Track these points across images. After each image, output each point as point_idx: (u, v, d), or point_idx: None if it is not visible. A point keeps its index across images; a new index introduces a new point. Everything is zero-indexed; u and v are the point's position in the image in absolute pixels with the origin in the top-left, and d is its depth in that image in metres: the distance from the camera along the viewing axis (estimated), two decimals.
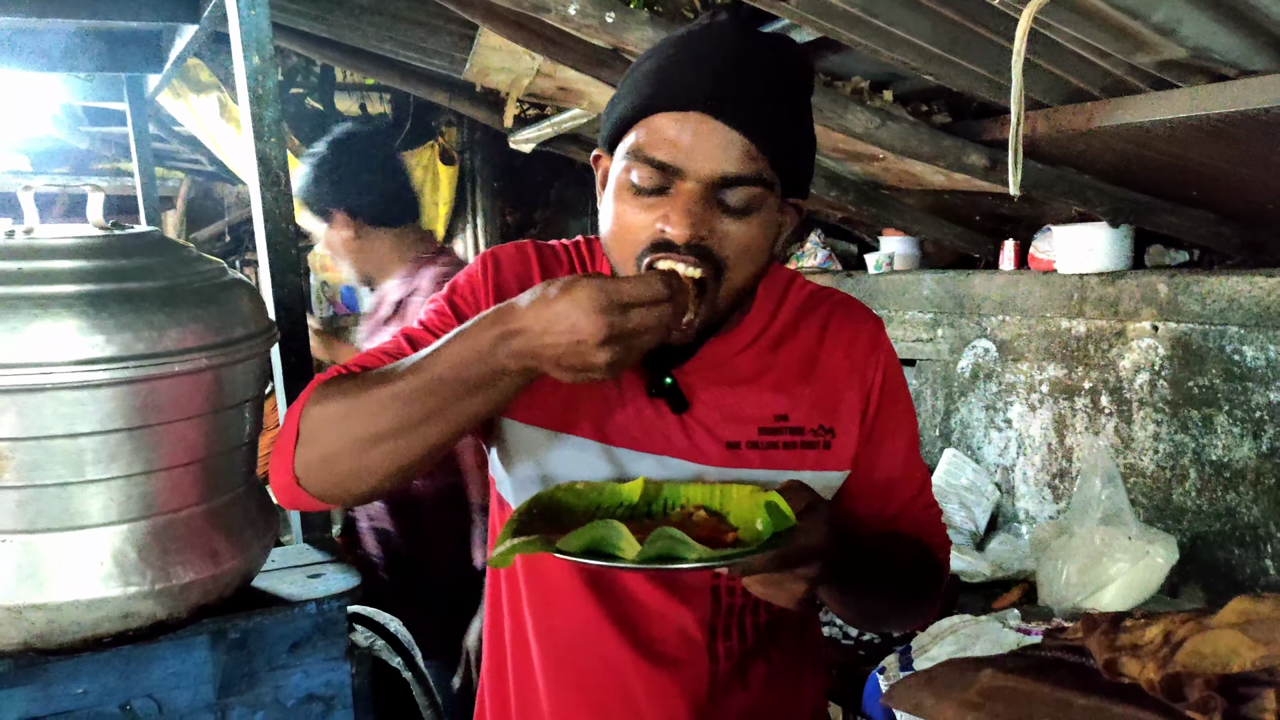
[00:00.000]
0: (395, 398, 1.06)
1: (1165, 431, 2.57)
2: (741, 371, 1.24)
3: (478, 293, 1.25)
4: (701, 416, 1.22)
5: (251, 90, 1.63)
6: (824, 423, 1.24)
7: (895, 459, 1.29)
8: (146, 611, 1.33)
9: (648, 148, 1.08)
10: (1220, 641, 0.74)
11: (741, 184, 1.08)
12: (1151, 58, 1.67)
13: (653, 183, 1.09)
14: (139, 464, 1.29)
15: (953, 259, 3.61)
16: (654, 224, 1.09)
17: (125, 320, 1.24)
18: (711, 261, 1.09)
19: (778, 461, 1.22)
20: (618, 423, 1.22)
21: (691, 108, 1.06)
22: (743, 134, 1.06)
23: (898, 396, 1.29)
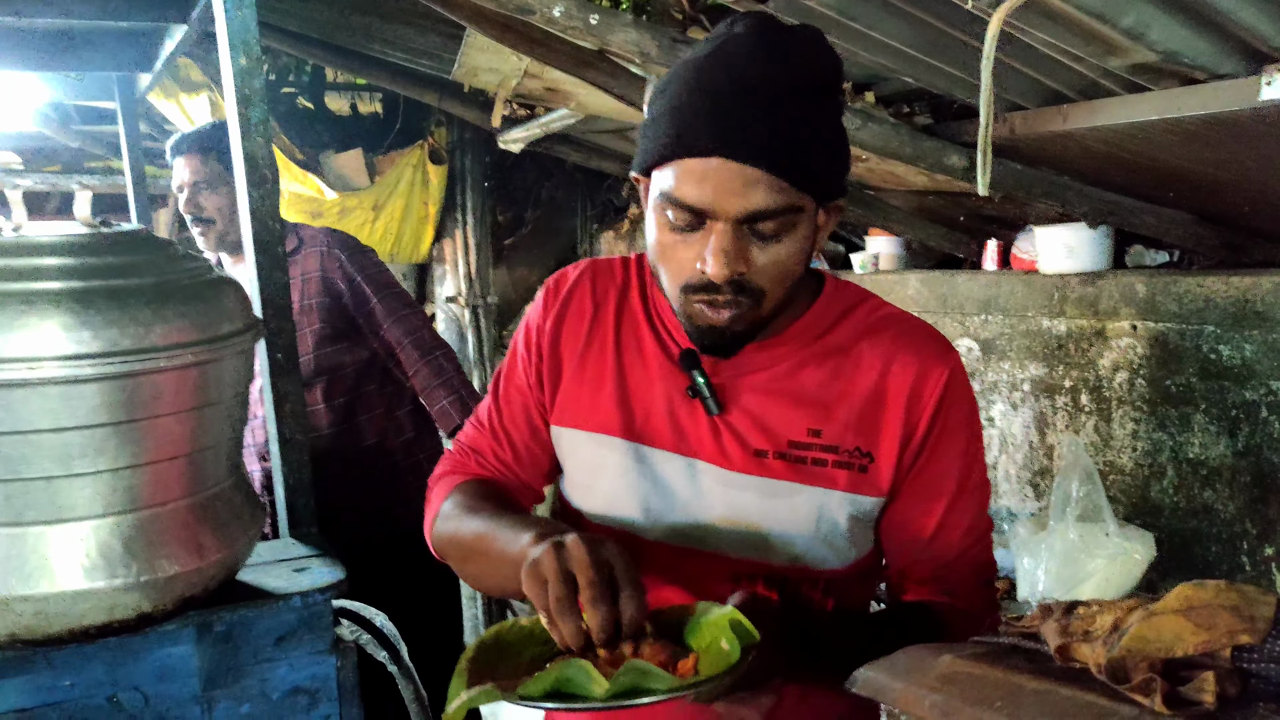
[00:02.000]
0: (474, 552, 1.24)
1: (1143, 430, 2.60)
2: (781, 380, 1.24)
3: (542, 325, 1.35)
4: (735, 421, 1.23)
5: (238, 90, 1.65)
6: (862, 445, 1.21)
7: (930, 508, 1.24)
8: (132, 603, 1.34)
9: (676, 191, 1.11)
10: (1164, 627, 0.76)
11: (770, 217, 1.09)
12: (1123, 61, 1.70)
13: (685, 221, 1.12)
14: (125, 458, 1.30)
15: (938, 259, 3.64)
16: (693, 261, 1.12)
17: (112, 316, 1.25)
18: (749, 293, 1.13)
19: (807, 476, 1.21)
20: (652, 424, 1.26)
21: (713, 154, 1.07)
22: (765, 170, 1.07)
23: (952, 438, 1.23)
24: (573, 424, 1.31)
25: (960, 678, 0.82)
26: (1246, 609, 0.76)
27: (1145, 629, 0.76)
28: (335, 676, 1.59)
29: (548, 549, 1.00)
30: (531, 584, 1.01)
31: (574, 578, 0.98)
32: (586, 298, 1.34)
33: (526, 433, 1.35)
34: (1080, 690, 0.76)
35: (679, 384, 1.26)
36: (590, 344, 1.31)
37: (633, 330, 1.31)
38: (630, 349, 1.30)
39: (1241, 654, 0.75)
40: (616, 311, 1.32)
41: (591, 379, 1.30)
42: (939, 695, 0.81)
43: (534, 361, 1.34)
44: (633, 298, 1.33)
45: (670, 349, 1.28)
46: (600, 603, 0.96)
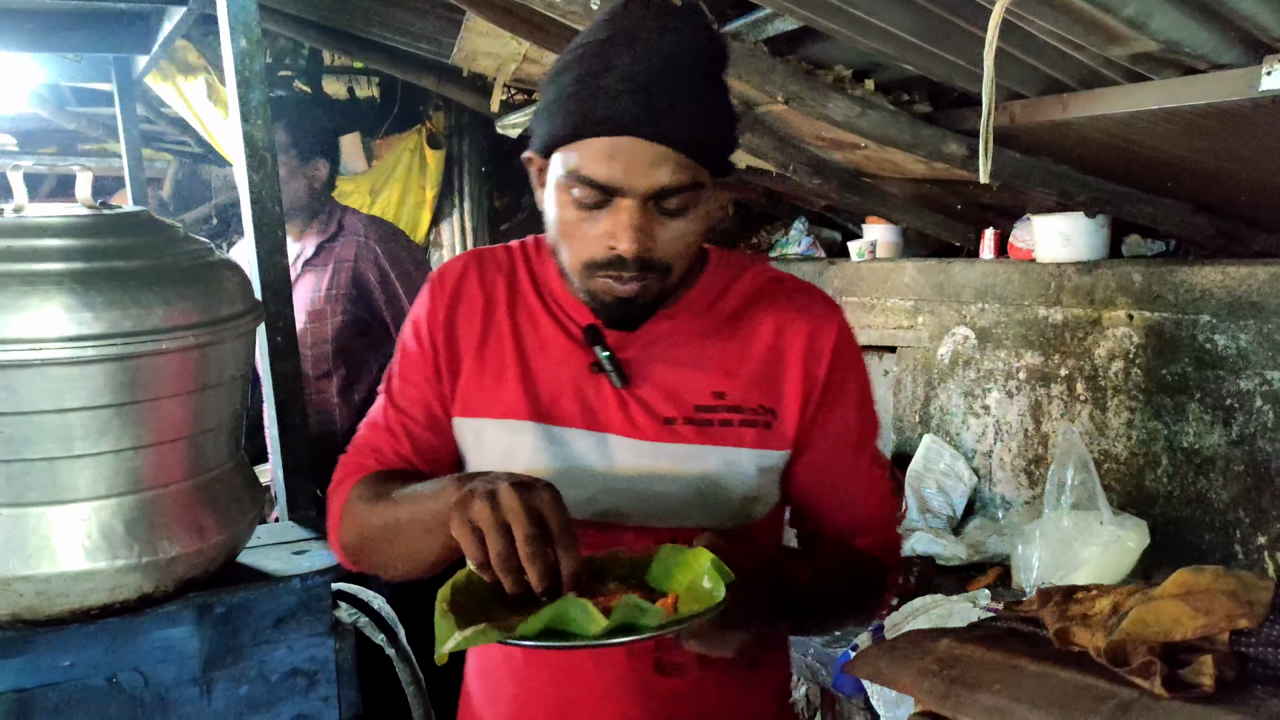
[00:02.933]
0: (388, 529, 1.22)
1: (1139, 419, 2.61)
2: (681, 348, 1.29)
3: (432, 321, 1.34)
4: (641, 392, 1.27)
5: (239, 72, 1.65)
6: (764, 402, 1.27)
7: (840, 450, 1.32)
8: (133, 584, 1.35)
9: (584, 169, 1.14)
10: (1163, 611, 0.77)
11: (676, 193, 1.14)
12: (1124, 50, 1.70)
13: (593, 199, 1.15)
14: (126, 439, 1.31)
15: (935, 247, 3.64)
16: (601, 238, 1.16)
17: (113, 298, 1.26)
18: (655, 268, 1.17)
19: (715, 438, 1.26)
20: (560, 404, 1.28)
21: (622, 133, 1.11)
22: (673, 148, 1.12)
23: (847, 387, 1.32)
24: (477, 413, 1.31)
25: (958, 660, 0.83)
26: (1244, 594, 0.77)
27: (1144, 613, 0.77)
28: (333, 659, 1.60)
29: (480, 499, 1.00)
30: (465, 535, 1.01)
31: (509, 528, 0.99)
32: (475, 288, 1.34)
33: (426, 427, 1.33)
34: (1079, 673, 0.77)
35: (582, 362, 1.28)
36: (487, 333, 1.32)
37: (528, 315, 1.33)
38: (528, 333, 1.32)
39: (1239, 638, 0.75)
40: (509, 298, 1.34)
41: (493, 368, 1.31)
42: (937, 678, 0.82)
43: (430, 356, 1.33)
44: (523, 283, 1.35)
45: (569, 328, 1.31)
46: (538, 557, 0.98)
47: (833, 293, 3.59)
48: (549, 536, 1.00)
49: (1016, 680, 0.77)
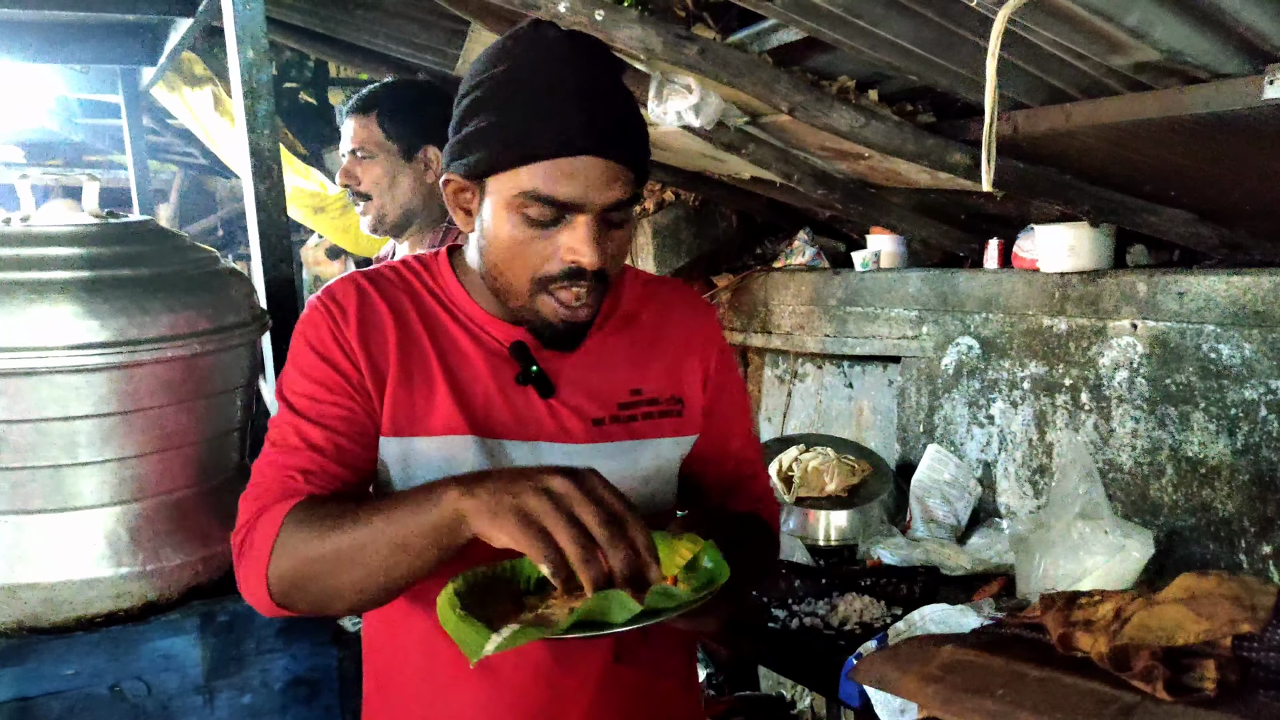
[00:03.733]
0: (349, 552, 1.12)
1: (1143, 428, 2.61)
2: (595, 353, 1.36)
3: (340, 339, 1.28)
4: (567, 398, 1.32)
5: (245, 83, 1.65)
6: (674, 393, 1.38)
7: (729, 426, 1.45)
8: (138, 592, 1.35)
9: (543, 188, 1.17)
10: (1166, 616, 0.77)
11: (623, 207, 1.22)
12: (1127, 60, 1.71)
13: (548, 216, 1.19)
14: (131, 447, 1.31)
15: (939, 257, 3.64)
16: (551, 254, 1.21)
17: (120, 306, 1.26)
18: (602, 278, 1.24)
19: (639, 432, 1.35)
20: (491, 415, 1.30)
21: (584, 152, 1.17)
22: (623, 165, 1.19)
23: (730, 371, 1.47)
24: (410, 432, 1.28)
25: (962, 666, 0.83)
26: (1247, 598, 0.77)
27: (1147, 617, 0.77)
28: (337, 668, 1.60)
29: (534, 495, 0.97)
30: (529, 537, 0.96)
31: (580, 520, 0.97)
32: (380, 308, 1.31)
33: (354, 441, 1.27)
34: (1082, 678, 0.77)
35: (506, 374, 1.32)
36: (405, 352, 1.30)
37: (444, 332, 1.33)
38: (450, 350, 1.32)
39: (1242, 643, 0.75)
40: (420, 317, 1.33)
41: (419, 385, 1.29)
42: (941, 684, 0.82)
43: (349, 373, 1.27)
44: (426, 300, 1.35)
45: (488, 343, 1.33)
46: (619, 541, 0.96)
47: (836, 303, 3.59)
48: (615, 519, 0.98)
49: (1020, 686, 0.77)
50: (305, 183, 4.19)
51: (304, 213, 4.31)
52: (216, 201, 6.44)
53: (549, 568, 0.95)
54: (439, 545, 1.06)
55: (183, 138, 5.05)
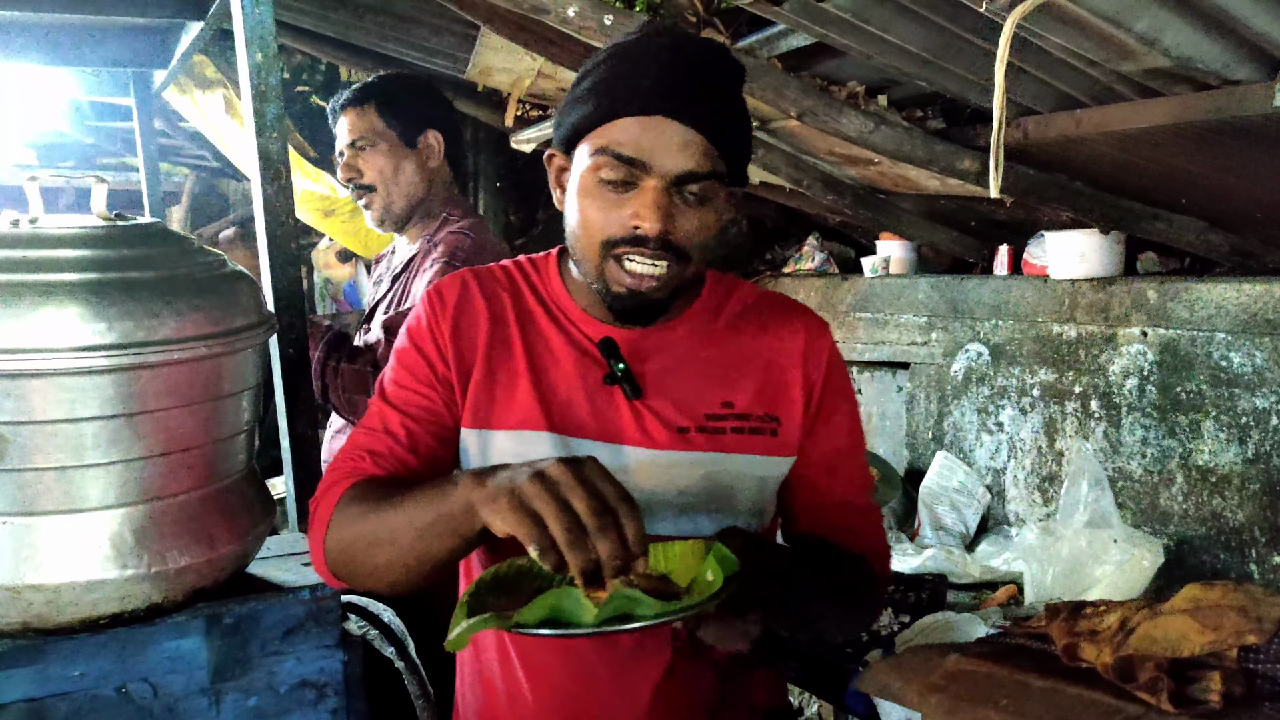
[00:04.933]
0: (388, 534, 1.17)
1: (1153, 436, 2.59)
2: (689, 361, 1.32)
3: (435, 332, 1.35)
4: (653, 403, 1.30)
5: (254, 86, 1.66)
6: (769, 411, 1.32)
7: (835, 457, 1.36)
8: (143, 594, 1.35)
9: (615, 145, 1.19)
10: (1171, 627, 0.77)
11: (700, 179, 1.19)
12: (1136, 66, 1.70)
13: (619, 176, 1.19)
14: (138, 449, 1.31)
15: (948, 264, 3.63)
16: (624, 218, 1.20)
17: (127, 308, 1.26)
18: (674, 252, 1.20)
19: (726, 445, 1.30)
20: (573, 414, 1.30)
21: (655, 112, 1.17)
22: (700, 134, 1.17)
23: (840, 398, 1.37)
24: (488, 425, 1.32)
25: (966, 675, 0.82)
26: (1254, 610, 0.76)
27: (1152, 628, 0.76)
28: (342, 671, 1.60)
29: (529, 480, 0.97)
30: (519, 520, 0.96)
31: (571, 506, 0.95)
32: (478, 302, 1.36)
33: (429, 430, 1.32)
34: (1086, 689, 0.76)
35: (594, 374, 1.31)
36: (494, 347, 1.34)
37: (537, 330, 1.35)
38: (538, 346, 1.34)
39: (1248, 654, 0.75)
40: (516, 313, 1.36)
41: (503, 380, 1.32)
42: (945, 694, 0.81)
43: (436, 364, 1.33)
44: (526, 298, 1.37)
45: (579, 342, 1.33)
46: (609, 530, 0.94)
47: (846, 308, 3.58)
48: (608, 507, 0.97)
49: (1024, 696, 0.76)
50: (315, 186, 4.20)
51: (313, 216, 4.32)
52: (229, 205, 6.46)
53: (535, 549, 0.95)
54: (457, 533, 1.08)
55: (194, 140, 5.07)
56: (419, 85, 2.36)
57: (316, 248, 6.09)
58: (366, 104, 2.27)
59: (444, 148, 2.33)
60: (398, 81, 2.34)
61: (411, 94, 2.31)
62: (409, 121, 2.27)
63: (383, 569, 1.20)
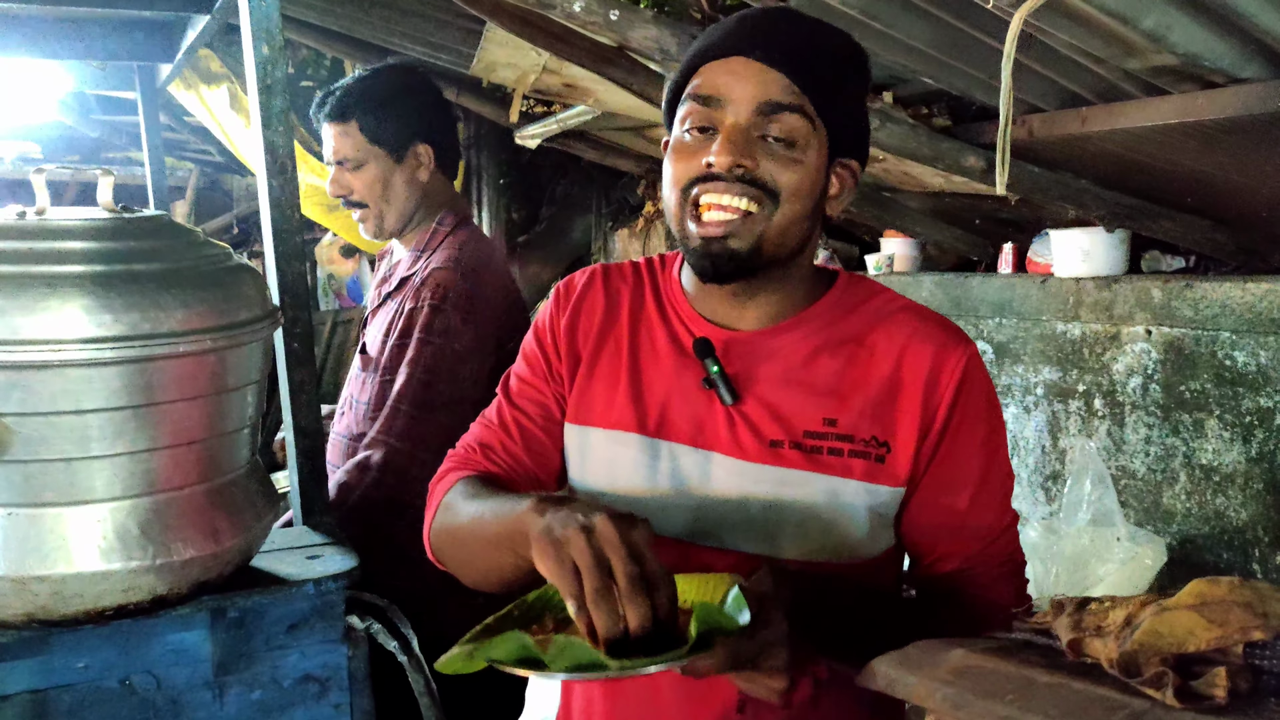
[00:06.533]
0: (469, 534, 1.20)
1: (1157, 435, 2.59)
2: (796, 369, 1.23)
3: (554, 325, 1.36)
4: (749, 411, 1.22)
5: (260, 79, 1.66)
6: (878, 434, 1.19)
7: (956, 498, 1.22)
8: (147, 586, 1.36)
9: (694, 90, 1.18)
10: (1177, 622, 0.77)
11: (781, 111, 1.14)
12: (1143, 64, 1.70)
13: (701, 121, 1.17)
14: (143, 441, 1.32)
15: (953, 262, 3.63)
16: (701, 160, 1.16)
17: (132, 300, 1.26)
18: (759, 188, 1.15)
19: (823, 466, 1.19)
20: (667, 418, 1.26)
21: (734, 53, 1.16)
22: (781, 71, 1.14)
23: (973, 426, 1.21)
24: (588, 421, 1.31)
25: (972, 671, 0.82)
26: (1260, 605, 0.76)
27: (1158, 624, 0.76)
28: (346, 665, 1.60)
29: (575, 530, 0.94)
30: (558, 568, 0.94)
31: (609, 564, 0.93)
32: (599, 297, 1.35)
33: (540, 427, 1.34)
34: (1092, 684, 0.76)
35: (693, 377, 1.25)
36: (604, 342, 1.32)
37: (646, 327, 1.32)
38: (644, 345, 1.31)
39: (1254, 650, 0.75)
40: (631, 310, 1.33)
41: (606, 376, 1.31)
42: (951, 688, 0.81)
43: (551, 358, 1.35)
44: (646, 295, 1.35)
45: (682, 339, 1.28)
46: (639, 595, 0.91)
47: None
48: (649, 576, 0.93)
49: (1030, 691, 0.76)
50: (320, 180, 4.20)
51: (318, 211, 4.33)
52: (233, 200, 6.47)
53: (572, 604, 0.93)
54: (515, 552, 1.06)
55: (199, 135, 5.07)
56: (404, 89, 2.23)
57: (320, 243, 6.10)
58: (348, 120, 2.18)
59: (435, 158, 2.24)
60: (381, 88, 2.20)
61: (396, 104, 2.19)
62: (395, 136, 2.18)
63: (464, 566, 1.25)
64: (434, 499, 1.32)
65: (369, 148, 2.19)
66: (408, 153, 2.20)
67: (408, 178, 2.21)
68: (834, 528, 1.20)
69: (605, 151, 4.42)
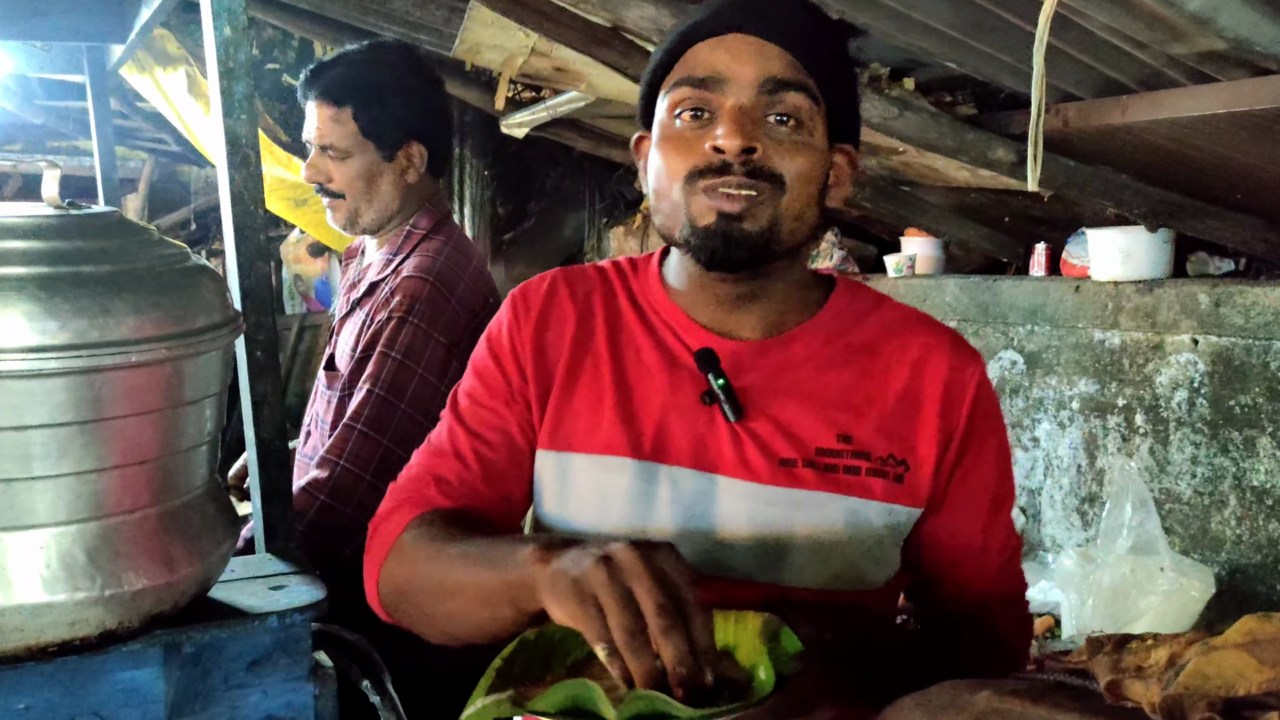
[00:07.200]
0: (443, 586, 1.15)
1: (1204, 454, 2.60)
2: (805, 382, 1.23)
3: (516, 341, 1.31)
4: (756, 428, 1.21)
5: (221, 63, 1.65)
6: (895, 452, 1.21)
7: (972, 515, 1.25)
8: (95, 619, 1.35)
9: (689, 73, 1.17)
10: (1225, 663, 0.76)
11: (785, 88, 1.14)
12: (1189, 49, 1.70)
13: (695, 103, 1.16)
14: (90, 460, 1.31)
15: (980, 263, 3.64)
16: (704, 147, 1.14)
17: (80, 305, 1.26)
18: (767, 177, 1.15)
19: (840, 486, 1.19)
20: (664, 439, 1.23)
21: (729, 30, 1.15)
22: (781, 46, 1.15)
23: (987, 445, 1.25)
24: (568, 447, 1.26)
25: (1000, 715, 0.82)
26: None
27: (1204, 664, 0.76)
28: (313, 705, 1.60)
29: (595, 565, 0.92)
30: (580, 611, 0.91)
31: (635, 601, 0.90)
32: (567, 307, 1.31)
33: (503, 457, 1.28)
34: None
35: (690, 392, 1.24)
36: (581, 357, 1.29)
37: (629, 338, 1.29)
38: (629, 358, 1.28)
39: None
40: (606, 320, 1.31)
41: (587, 395, 1.27)
42: None
43: (514, 378, 1.30)
44: (621, 302, 1.32)
45: (675, 351, 1.27)
46: (675, 631, 0.89)
47: None
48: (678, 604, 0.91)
49: None
50: (286, 173, 4.20)
51: (283, 206, 4.33)
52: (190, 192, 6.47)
53: (602, 650, 0.91)
54: (515, 606, 1.04)
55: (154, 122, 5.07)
56: (406, 79, 2.22)
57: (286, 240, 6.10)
58: (343, 106, 2.15)
59: (427, 160, 2.23)
60: (383, 75, 2.18)
61: (397, 96, 2.18)
62: (390, 131, 2.17)
63: (438, 621, 1.19)
64: (379, 541, 1.25)
65: (360, 140, 2.17)
66: (399, 151, 2.19)
67: (395, 178, 2.20)
68: (853, 553, 1.21)
69: (599, 141, 4.42)
